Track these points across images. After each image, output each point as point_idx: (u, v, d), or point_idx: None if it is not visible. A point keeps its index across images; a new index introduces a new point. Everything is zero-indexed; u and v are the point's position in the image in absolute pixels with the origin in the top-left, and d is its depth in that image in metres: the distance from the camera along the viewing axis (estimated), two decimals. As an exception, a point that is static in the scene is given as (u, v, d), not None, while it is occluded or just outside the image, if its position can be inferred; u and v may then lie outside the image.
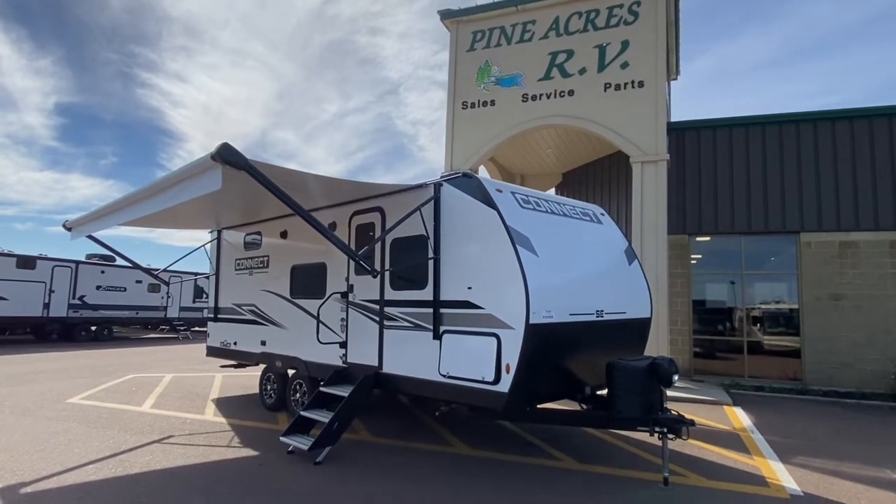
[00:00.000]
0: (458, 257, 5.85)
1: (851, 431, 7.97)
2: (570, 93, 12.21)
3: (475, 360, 5.46)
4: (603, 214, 7.33)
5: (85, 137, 72.47)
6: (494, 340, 5.33)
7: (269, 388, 8.68)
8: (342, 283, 7.29)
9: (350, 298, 7.14)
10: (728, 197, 12.23)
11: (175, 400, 9.37)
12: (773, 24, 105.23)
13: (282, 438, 6.30)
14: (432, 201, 6.10)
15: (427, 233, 6.06)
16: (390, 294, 6.59)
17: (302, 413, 6.47)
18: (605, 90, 11.92)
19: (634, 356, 6.37)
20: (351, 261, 7.16)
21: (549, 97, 12.40)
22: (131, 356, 16.47)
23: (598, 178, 15.45)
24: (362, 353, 6.88)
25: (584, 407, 6.23)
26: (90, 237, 8.23)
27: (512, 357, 5.18)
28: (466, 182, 5.90)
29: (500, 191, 5.84)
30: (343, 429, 6.17)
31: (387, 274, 6.65)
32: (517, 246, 5.30)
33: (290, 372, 8.27)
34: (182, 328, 24.69)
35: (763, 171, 12.04)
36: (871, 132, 11.43)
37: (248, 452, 6.34)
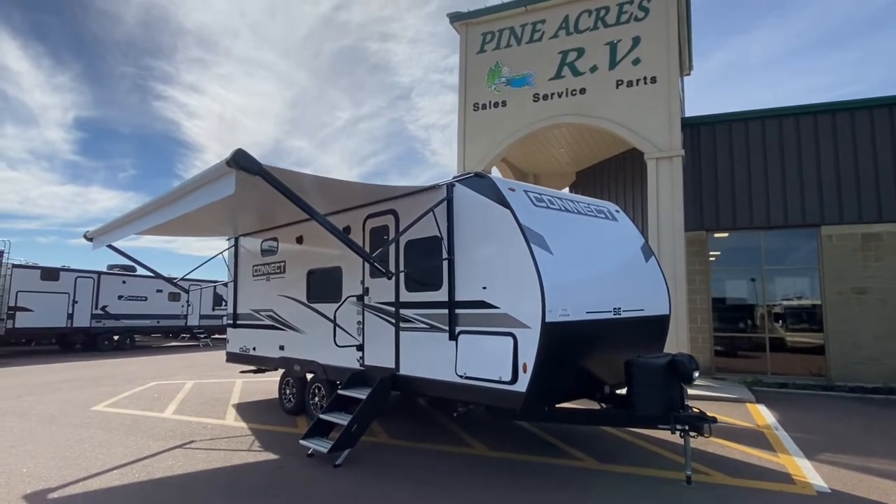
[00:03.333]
0: (473, 257, 5.84)
1: (880, 428, 7.79)
2: (582, 91, 12.16)
3: (492, 360, 5.45)
4: (618, 211, 7.27)
5: (104, 151, 73.98)
6: (511, 340, 5.31)
7: (287, 392, 8.74)
8: (358, 287, 7.32)
9: (366, 301, 7.17)
10: (746, 192, 12.06)
11: (196, 406, 9.48)
12: (787, 16, 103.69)
13: (301, 442, 6.34)
14: (445, 202, 6.11)
15: (441, 234, 6.06)
16: (405, 296, 6.61)
17: (321, 416, 6.51)
18: (617, 87, 11.85)
19: (653, 354, 6.31)
20: (366, 264, 7.20)
21: (560, 96, 12.36)
22: (153, 364, 16.72)
23: (613, 176, 15.34)
24: (379, 356, 6.90)
25: (604, 406, 6.17)
26: (110, 247, 8.39)
27: (529, 356, 5.15)
28: (479, 182, 5.90)
29: (513, 190, 5.83)
30: (362, 431, 6.19)
31: (402, 276, 6.67)
32: (531, 244, 5.28)
33: (309, 376, 8.32)
34: (202, 336, 24.99)
35: (781, 164, 11.86)
36: (892, 121, 11.21)
37: (269, 456, 6.39)
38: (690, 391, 9.21)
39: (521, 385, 5.18)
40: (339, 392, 6.72)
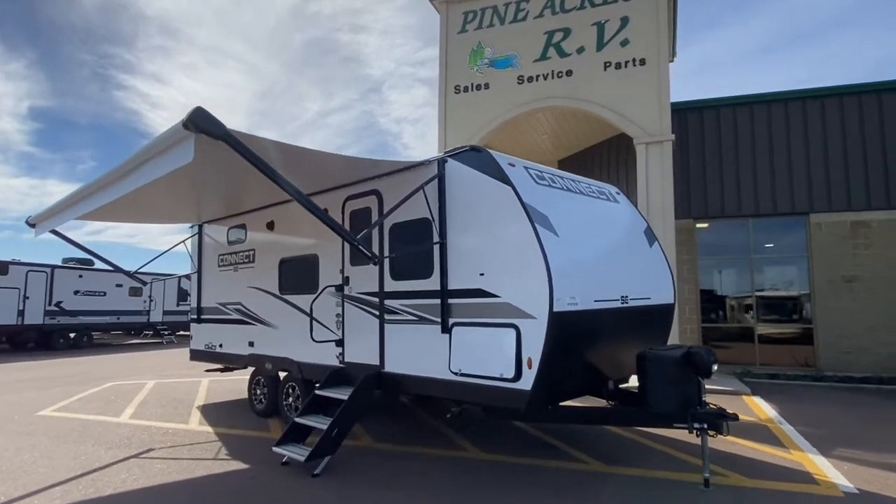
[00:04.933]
0: (468, 241, 5.25)
1: (883, 419, 7.52)
2: (569, 73, 11.64)
3: (491, 355, 4.87)
4: (618, 193, 6.77)
5: (61, 142, 70.74)
6: (513, 332, 4.73)
7: (258, 392, 8.02)
8: (336, 276, 6.65)
9: (346, 292, 6.51)
10: (734, 179, 11.77)
11: (157, 408, 8.66)
12: (757, 12, 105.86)
13: (275, 448, 5.67)
14: (436, 180, 5.49)
15: (431, 215, 5.44)
16: (391, 285, 5.97)
17: (296, 420, 5.84)
18: (604, 69, 11.36)
19: (658, 346, 5.84)
20: (345, 251, 6.54)
21: (546, 78, 11.82)
22: (112, 363, 15.65)
23: (597, 164, 14.91)
24: (361, 352, 6.25)
25: (611, 403, 5.67)
26: (56, 233, 7.50)
27: (534, 350, 4.59)
28: (475, 156, 5.29)
29: (513, 165, 5.25)
30: (343, 435, 5.55)
31: (386, 263, 6.03)
32: (536, 225, 4.71)
33: (282, 374, 7.62)
34: (166, 333, 23.80)
35: (769, 151, 11.60)
36: (881, 108, 11.03)
37: (238, 465, 5.69)
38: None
39: (526, 382, 4.62)
40: (317, 392, 6.06)
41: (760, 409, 8.06)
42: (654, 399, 4.90)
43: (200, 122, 3.72)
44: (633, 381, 7.27)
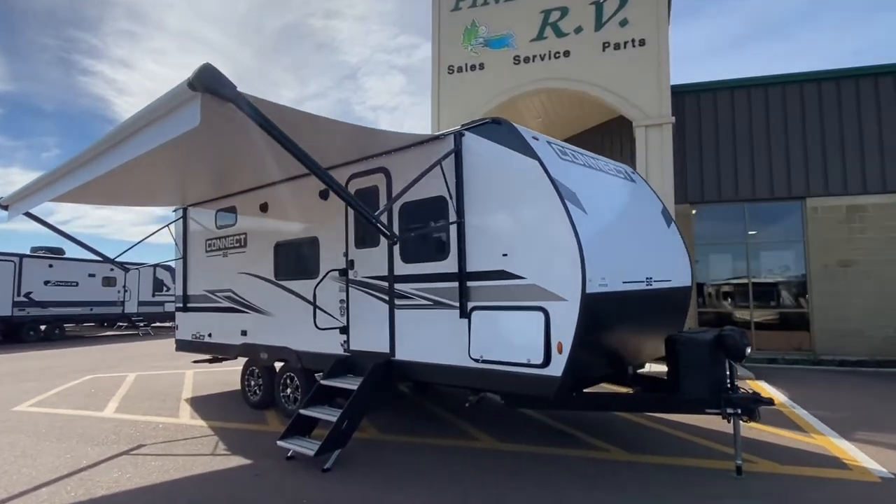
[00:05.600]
0: (489, 220, 4.92)
1: (894, 401, 7.49)
2: (566, 53, 11.35)
3: (517, 340, 4.58)
4: (634, 173, 6.53)
5: (25, 128, 68.02)
6: (541, 315, 4.45)
7: (252, 383, 7.61)
8: (339, 260, 6.27)
9: (351, 276, 6.14)
10: (731, 163, 11.67)
11: (143, 402, 8.18)
12: (728, 5, 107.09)
13: (279, 442, 5.31)
14: (452, 155, 5.14)
15: (450, 193, 5.10)
16: (402, 268, 5.63)
17: (301, 412, 5.48)
18: (603, 50, 11.10)
19: (687, 329, 5.65)
20: (350, 232, 6.16)
21: (542, 59, 11.51)
22: (88, 356, 14.97)
23: (589, 149, 14.70)
24: (369, 339, 5.91)
25: (633, 389, 5.45)
26: (30, 215, 6.95)
27: (565, 334, 4.31)
28: (496, 129, 4.95)
29: (537, 139, 4.94)
30: (354, 428, 5.22)
31: (396, 245, 5.68)
32: (566, 202, 4.41)
33: (278, 364, 7.23)
34: (142, 324, 23.00)
35: (766, 135, 11.51)
36: (877, 91, 11.02)
37: (240, 461, 5.31)
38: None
39: (556, 368, 4.35)
40: (323, 382, 5.70)
41: (768, 393, 7.96)
42: (687, 384, 4.67)
43: (208, 82, 3.31)
44: (649, 367, 7.13)
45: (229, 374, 10.49)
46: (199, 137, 4.82)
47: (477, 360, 4.85)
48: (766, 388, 8.24)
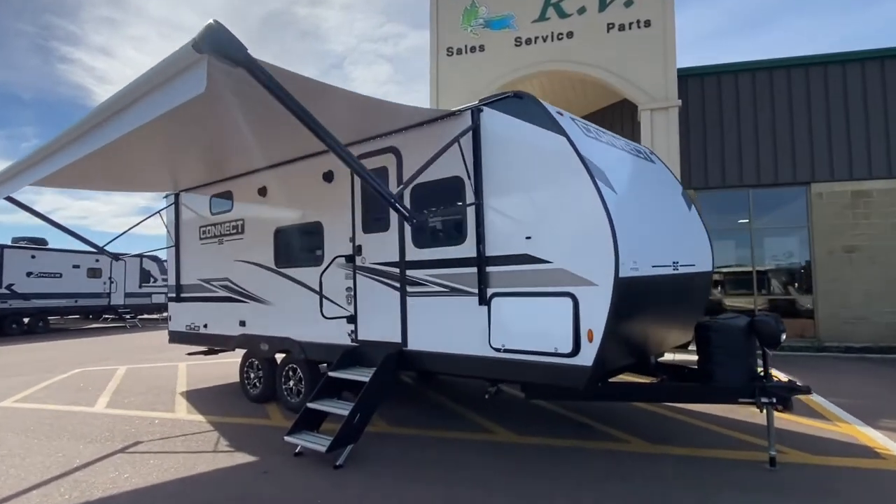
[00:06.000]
0: (511, 201, 4.64)
1: (906, 388, 7.38)
2: (570, 35, 11.04)
3: (542, 328, 4.32)
4: (653, 153, 6.28)
5: (2, 118, 66.22)
6: (569, 302, 4.19)
7: (252, 376, 7.29)
8: (346, 245, 5.96)
9: (358, 262, 5.83)
10: (735, 148, 11.47)
11: (136, 396, 7.83)
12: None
13: (287, 438, 5.02)
14: (470, 132, 4.83)
15: (468, 172, 4.80)
16: (414, 253, 5.33)
17: (309, 405, 5.19)
18: (607, 31, 10.80)
19: (698, 317, 5.44)
20: (357, 217, 5.85)
21: (545, 40, 11.19)
22: (73, 349, 14.50)
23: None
24: (378, 328, 5.62)
25: (659, 378, 5.23)
26: (12, 200, 6.54)
27: (596, 321, 4.06)
28: (518, 104, 4.65)
29: (561, 114, 4.65)
30: (366, 422, 4.95)
31: (407, 229, 5.38)
32: (596, 180, 4.14)
33: (280, 356, 6.92)
34: (129, 316, 22.45)
35: (772, 119, 11.31)
36: (884, 75, 10.85)
37: (245, 458, 5.02)
38: (681, 358, 8.56)
39: (586, 357, 4.10)
40: (331, 374, 5.41)
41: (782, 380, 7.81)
42: (720, 372, 4.45)
43: (216, 43, 2.97)
44: (669, 356, 6.92)
45: (223, 367, 10.16)
46: (196, 115, 4.50)
47: (498, 350, 4.59)
48: (779, 376, 8.08)
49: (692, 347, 5.19)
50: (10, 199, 6.44)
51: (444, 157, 4.76)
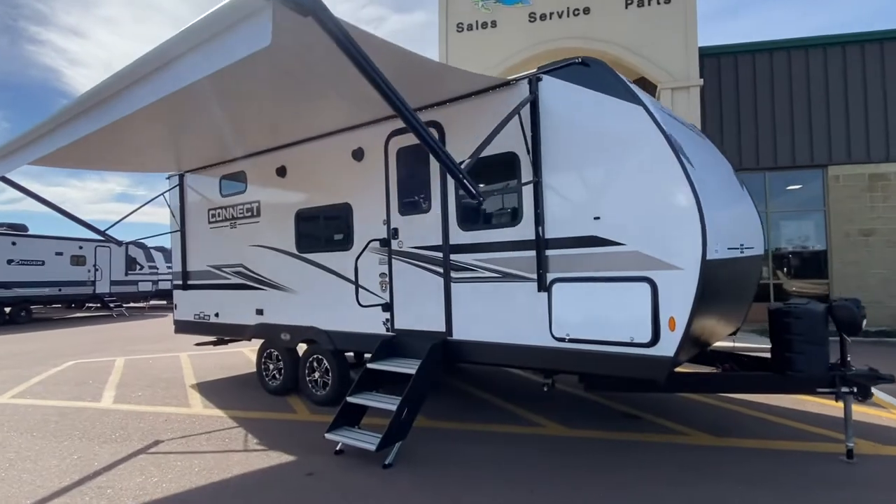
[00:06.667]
0: (575, 178, 4.28)
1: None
2: (587, 11, 10.65)
3: (615, 316, 4.00)
4: (701, 131, 5.96)
5: (-30, 98, 63.54)
6: (647, 288, 3.87)
7: (271, 367, 6.87)
8: (379, 228, 5.56)
9: (394, 247, 5.44)
10: (752, 130, 11.25)
11: (142, 390, 7.37)
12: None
13: (328, 435, 4.66)
14: (528, 105, 4.45)
15: (528, 147, 4.43)
16: (459, 237, 4.96)
17: (349, 399, 4.82)
18: (626, 7, 10.45)
19: (750, 302, 5.19)
20: (391, 198, 5.44)
21: (560, 16, 10.79)
22: (61, 339, 13.86)
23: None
24: (418, 317, 5.26)
25: (721, 368, 4.96)
26: (6, 180, 6.01)
27: (678, 308, 3.75)
28: (585, 72, 4.27)
29: (631, 83, 4.28)
30: (414, 417, 4.60)
31: (452, 211, 5.00)
32: (680, 154, 3.80)
33: (302, 346, 6.51)
34: (115, 305, 21.70)
35: (789, 100, 11.11)
36: (903, 55, 10.68)
37: (282, 457, 4.64)
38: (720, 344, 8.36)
39: (667, 347, 3.79)
40: (369, 366, 5.03)
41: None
42: (800, 361, 4.19)
43: (286, -12, 2.54)
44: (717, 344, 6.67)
45: (229, 357, 9.72)
46: (215, 86, 4.05)
47: (560, 340, 4.26)
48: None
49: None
50: (5, 179, 5.93)
51: (502, 132, 4.37)
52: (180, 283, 8.05)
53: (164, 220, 8.16)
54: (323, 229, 6.23)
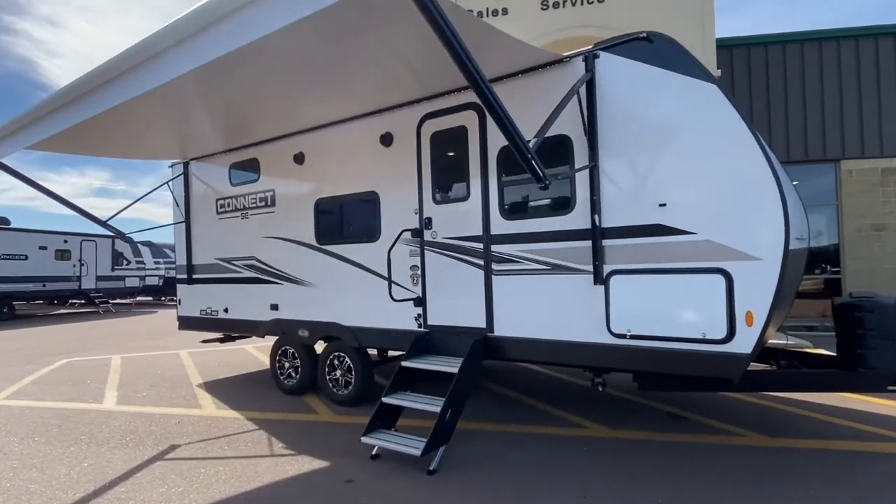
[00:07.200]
0: (637, 163, 3.99)
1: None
2: (601, -1, 10.37)
3: (684, 311, 3.73)
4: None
5: (-58, 88, 61.51)
6: (720, 279, 3.60)
7: (287, 365, 6.51)
8: (409, 218, 5.22)
9: (427, 237, 5.11)
10: (764, 123, 11.08)
11: (146, 390, 6.95)
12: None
13: (365, 439, 4.33)
14: (583, 83, 4.14)
15: (585, 128, 4.13)
16: (502, 226, 4.65)
17: (385, 400, 4.49)
18: (641, -5, 10.18)
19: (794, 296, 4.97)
20: (424, 185, 5.11)
21: (574, 4, 10.49)
22: (48, 337, 13.27)
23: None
24: (454, 312, 4.94)
25: (776, 364, 4.72)
26: (5, 167, 5.59)
27: (756, 301, 3.49)
28: (649, 48, 3.98)
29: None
30: (457, 418, 4.30)
31: (493, 199, 4.69)
32: (759, 137, 3.54)
33: (322, 343, 6.15)
34: (102, 301, 21.01)
35: (802, 94, 10.96)
36: (917, 48, 10.59)
37: (312, 463, 4.30)
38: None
39: (743, 343, 3.53)
40: (404, 364, 4.71)
41: (842, 362, 7.50)
42: (874, 357, 3.96)
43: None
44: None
45: (233, 354, 9.33)
46: (233, 67, 3.69)
47: (620, 336, 3.98)
48: (836, 358, 7.78)
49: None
50: (2, 165, 5.50)
51: (543, 113, 4.06)
52: (185, 277, 7.63)
53: (152, 215, 7.73)
54: (346, 219, 5.88)
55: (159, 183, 7.76)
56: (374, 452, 4.35)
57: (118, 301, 23.25)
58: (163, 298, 28.35)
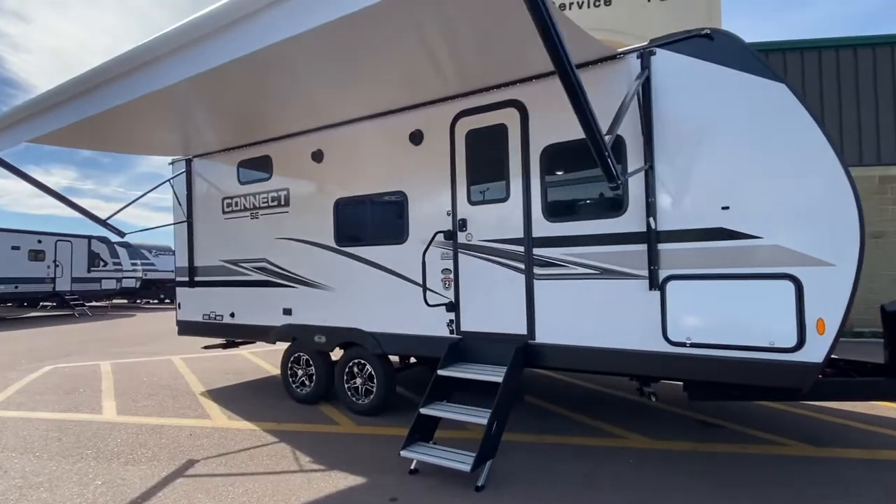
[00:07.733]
0: (697, 164, 3.84)
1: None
2: (608, 2, 10.35)
3: (749, 318, 3.59)
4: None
5: None
6: (789, 286, 3.47)
7: (300, 373, 6.20)
8: (441, 219, 5.00)
9: (462, 240, 4.89)
10: (765, 129, 11.17)
11: (146, 399, 6.56)
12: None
13: (404, 453, 4.09)
14: (640, 83, 3.99)
15: (642, 128, 3.97)
16: (545, 228, 4.46)
17: (423, 411, 4.25)
18: (648, 0, 10.17)
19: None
20: (458, 184, 4.89)
21: (580, 6, 10.45)
22: (25, 342, 12.61)
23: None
24: (490, 318, 4.73)
25: (824, 373, 4.62)
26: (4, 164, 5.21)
27: (829, 308, 3.38)
28: (710, 46, 3.85)
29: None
30: (502, 431, 4.08)
31: (536, 199, 4.50)
32: (831, 139, 3.42)
33: (340, 351, 5.87)
34: (77, 303, 20.19)
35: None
36: (913, 59, 10.79)
37: (348, 479, 4.03)
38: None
39: (814, 352, 3.41)
40: (440, 373, 4.48)
41: (855, 369, 7.51)
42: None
43: None
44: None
45: (229, 361, 8.95)
46: (260, 63, 3.44)
47: (679, 344, 3.82)
48: (848, 364, 7.79)
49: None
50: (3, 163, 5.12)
51: (597, 112, 3.89)
52: (186, 279, 7.26)
53: (133, 218, 7.38)
54: (369, 221, 5.62)
55: (129, 182, 7.39)
56: (412, 467, 4.11)
57: (94, 304, 22.39)
58: (139, 301, 27.48)
